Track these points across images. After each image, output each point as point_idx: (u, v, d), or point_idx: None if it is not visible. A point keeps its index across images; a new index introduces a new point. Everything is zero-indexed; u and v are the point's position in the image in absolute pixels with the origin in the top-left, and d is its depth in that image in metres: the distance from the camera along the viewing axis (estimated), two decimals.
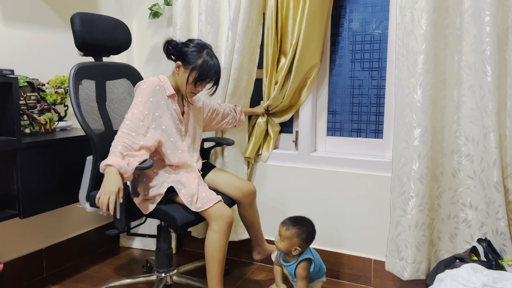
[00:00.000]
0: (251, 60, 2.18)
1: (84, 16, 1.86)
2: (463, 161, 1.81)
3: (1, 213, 1.74)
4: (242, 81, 2.18)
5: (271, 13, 2.10)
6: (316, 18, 2.05)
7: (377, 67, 2.16)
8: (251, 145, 2.28)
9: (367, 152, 2.21)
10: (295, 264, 1.81)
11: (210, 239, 1.72)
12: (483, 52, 1.65)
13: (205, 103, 2.04)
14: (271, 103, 2.18)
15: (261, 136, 2.29)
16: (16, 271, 2.08)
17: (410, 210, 1.82)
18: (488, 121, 1.67)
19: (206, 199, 1.73)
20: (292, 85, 2.12)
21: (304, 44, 2.06)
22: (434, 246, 1.91)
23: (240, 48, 2.11)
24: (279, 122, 2.28)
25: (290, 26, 2.10)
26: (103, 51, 1.99)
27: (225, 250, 1.74)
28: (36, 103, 1.96)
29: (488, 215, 1.75)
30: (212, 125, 2.11)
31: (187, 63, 1.75)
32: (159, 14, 2.44)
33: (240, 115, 2.18)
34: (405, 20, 1.78)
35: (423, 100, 1.76)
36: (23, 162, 1.75)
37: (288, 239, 1.78)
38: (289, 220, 1.82)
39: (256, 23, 2.15)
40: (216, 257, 1.72)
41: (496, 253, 1.68)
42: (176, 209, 1.74)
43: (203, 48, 1.77)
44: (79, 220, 2.44)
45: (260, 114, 2.26)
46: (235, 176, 2.01)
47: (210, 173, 2.00)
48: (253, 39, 2.16)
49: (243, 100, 2.24)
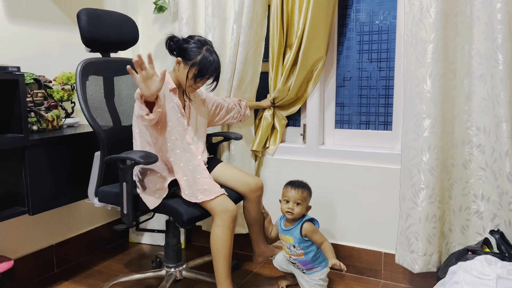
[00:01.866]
0: (256, 53, 2.16)
1: (90, 12, 1.85)
2: (474, 151, 1.78)
3: (10, 210, 1.75)
4: (247, 75, 2.17)
5: (276, 5, 2.08)
6: (322, 9, 2.02)
7: (385, 58, 2.13)
8: (258, 139, 2.27)
9: (376, 144, 2.19)
10: (300, 224, 1.84)
11: (215, 234, 1.72)
12: (495, 40, 1.61)
13: (209, 98, 2.04)
14: (277, 95, 2.17)
15: (268, 129, 2.27)
16: (26, 267, 2.09)
17: (421, 202, 1.79)
18: (500, 111, 1.63)
19: (209, 191, 1.72)
20: (298, 77, 2.10)
21: (310, 36, 2.03)
22: (445, 238, 1.88)
23: (245, 41, 2.09)
24: (286, 115, 2.26)
25: (296, 18, 2.08)
26: (110, 47, 1.98)
27: (231, 244, 1.73)
28: (43, 100, 1.96)
29: (500, 206, 1.72)
30: (216, 120, 2.10)
31: (187, 59, 1.76)
32: (164, 9, 2.43)
33: (245, 110, 2.17)
34: (414, 9, 1.75)
35: (432, 90, 1.73)
36: (31, 159, 1.75)
37: (304, 201, 1.83)
38: (297, 183, 1.86)
39: (261, 16, 2.13)
40: (222, 252, 1.71)
41: (509, 245, 1.65)
42: (182, 203, 1.74)
43: (203, 44, 1.76)
44: (88, 216, 2.45)
45: (266, 107, 2.24)
46: (242, 171, 2.00)
47: (217, 167, 1.99)
48: (258, 32, 2.14)
49: (248, 93, 2.22)
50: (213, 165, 2.00)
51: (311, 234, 1.83)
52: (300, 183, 1.88)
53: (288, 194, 1.84)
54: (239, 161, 2.26)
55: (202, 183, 1.75)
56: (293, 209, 1.82)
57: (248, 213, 1.99)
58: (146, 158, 1.63)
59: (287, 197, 1.85)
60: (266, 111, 2.26)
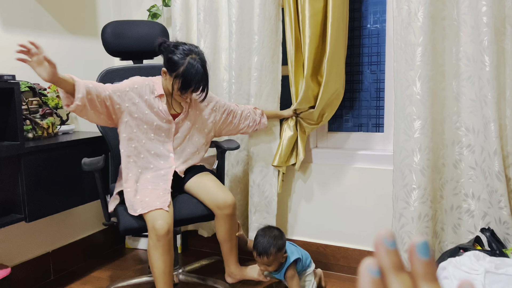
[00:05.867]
0: (273, 59, 2.05)
1: (115, 27, 2.01)
2: (464, 151, 1.82)
3: (7, 218, 1.76)
4: (265, 82, 2.06)
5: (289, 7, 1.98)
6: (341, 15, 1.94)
7: (376, 61, 2.17)
8: (279, 153, 2.10)
9: (368, 146, 2.22)
10: (284, 270, 1.80)
11: (147, 251, 1.67)
12: (481, 42, 1.65)
13: (219, 104, 1.93)
14: (299, 107, 2.03)
15: (291, 142, 2.09)
16: (23, 274, 2.10)
17: (413, 202, 1.83)
18: (488, 111, 1.67)
19: (146, 204, 1.66)
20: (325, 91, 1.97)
21: (333, 44, 1.93)
22: (438, 237, 1.91)
23: (258, 47, 2.02)
24: (311, 129, 2.11)
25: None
26: (136, 56, 2.11)
27: (160, 265, 1.63)
28: (38, 108, 1.97)
29: (490, 205, 1.76)
30: (230, 129, 1.98)
31: (171, 71, 1.70)
32: (158, 16, 2.45)
33: (260, 118, 2.02)
34: (402, 13, 1.79)
35: (422, 92, 1.77)
36: (27, 166, 1.77)
37: (273, 261, 1.75)
38: (258, 245, 1.74)
39: (275, 19, 2.05)
40: (153, 271, 1.65)
41: (499, 242, 1.68)
42: (125, 212, 1.75)
43: (186, 54, 1.68)
44: (84, 222, 2.46)
45: (288, 116, 2.09)
46: (219, 184, 1.83)
47: (193, 178, 1.88)
48: (272, 36, 2.05)
49: (271, 102, 2.10)
50: (190, 176, 1.89)
51: (289, 280, 1.80)
52: (263, 248, 1.73)
53: (256, 259, 1.78)
54: (258, 174, 2.14)
55: (146, 195, 1.70)
56: (267, 269, 1.78)
57: (217, 230, 1.83)
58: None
59: (256, 260, 1.79)
60: (289, 121, 2.10)
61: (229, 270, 1.88)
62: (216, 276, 2.15)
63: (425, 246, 0.31)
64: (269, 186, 2.16)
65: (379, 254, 0.32)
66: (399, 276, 0.31)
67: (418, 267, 0.31)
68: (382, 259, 0.32)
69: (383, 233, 0.32)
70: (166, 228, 1.60)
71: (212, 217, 1.81)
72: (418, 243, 0.32)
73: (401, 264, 0.32)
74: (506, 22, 1.68)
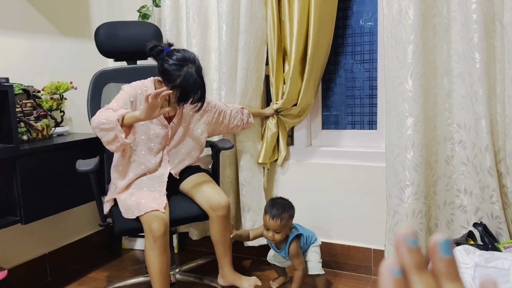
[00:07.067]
0: (258, 58, 2.09)
1: (108, 28, 2.02)
2: (456, 147, 1.84)
3: (3, 220, 1.76)
4: (250, 81, 2.11)
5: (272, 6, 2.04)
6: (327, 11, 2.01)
7: (369, 59, 2.18)
8: (264, 150, 2.17)
9: (362, 143, 2.24)
10: (287, 246, 1.84)
11: (144, 252, 1.68)
12: (471, 39, 1.67)
13: (211, 105, 1.94)
14: (281, 106, 2.10)
15: (273, 139, 2.17)
16: (20, 277, 2.10)
17: (407, 199, 1.84)
18: (478, 107, 1.69)
19: (142, 205, 1.67)
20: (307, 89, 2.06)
21: (315, 41, 2.00)
22: (432, 233, 1.93)
23: (245, 47, 2.04)
24: (291, 126, 2.20)
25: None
26: (130, 57, 2.11)
27: (158, 266, 1.64)
28: (32, 110, 1.97)
29: (483, 200, 1.78)
30: (221, 129, 2.01)
31: (167, 82, 1.67)
32: (148, 16, 2.46)
33: (248, 117, 2.07)
34: (393, 11, 1.80)
35: (414, 90, 1.79)
36: (22, 168, 1.77)
37: (284, 227, 1.79)
38: (272, 209, 1.78)
39: (260, 20, 2.08)
40: (150, 272, 1.67)
41: (492, 237, 1.70)
42: (120, 214, 1.76)
43: (182, 64, 1.64)
44: (80, 223, 2.46)
45: (269, 115, 2.15)
46: (214, 185, 1.83)
47: (188, 178, 1.89)
48: (258, 36, 2.07)
49: (254, 100, 2.15)
50: (185, 176, 1.90)
51: (293, 258, 1.83)
52: (278, 211, 1.77)
53: (267, 223, 1.79)
54: (248, 171, 2.18)
55: (142, 197, 1.71)
56: (274, 237, 1.80)
57: (211, 232, 1.82)
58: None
59: (266, 225, 1.81)
60: (270, 119, 2.17)
61: (222, 272, 1.86)
62: (213, 275, 2.16)
63: (447, 244, 0.30)
64: (258, 183, 2.22)
65: (401, 253, 0.30)
66: (421, 275, 0.30)
67: (440, 266, 0.30)
68: (404, 258, 0.30)
69: (404, 231, 0.31)
70: (163, 230, 1.62)
71: (206, 217, 1.82)
72: (441, 241, 0.30)
73: (423, 263, 0.30)
74: (496, 19, 1.70)
